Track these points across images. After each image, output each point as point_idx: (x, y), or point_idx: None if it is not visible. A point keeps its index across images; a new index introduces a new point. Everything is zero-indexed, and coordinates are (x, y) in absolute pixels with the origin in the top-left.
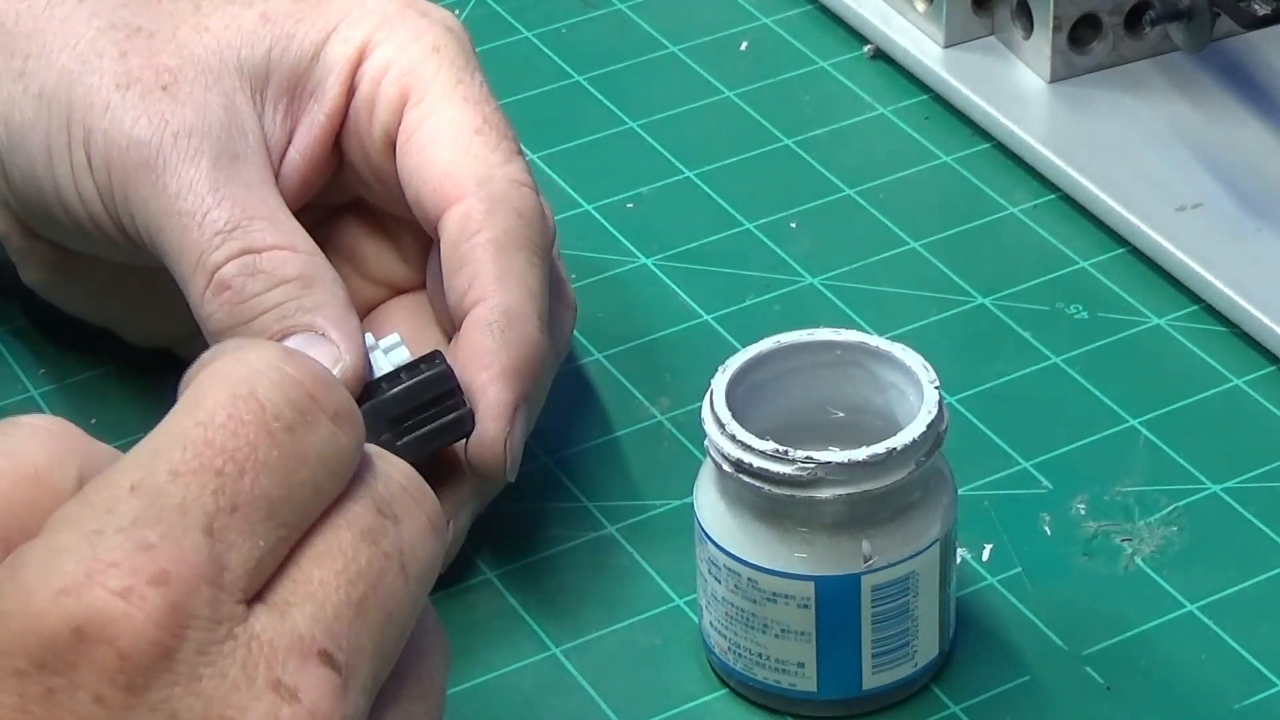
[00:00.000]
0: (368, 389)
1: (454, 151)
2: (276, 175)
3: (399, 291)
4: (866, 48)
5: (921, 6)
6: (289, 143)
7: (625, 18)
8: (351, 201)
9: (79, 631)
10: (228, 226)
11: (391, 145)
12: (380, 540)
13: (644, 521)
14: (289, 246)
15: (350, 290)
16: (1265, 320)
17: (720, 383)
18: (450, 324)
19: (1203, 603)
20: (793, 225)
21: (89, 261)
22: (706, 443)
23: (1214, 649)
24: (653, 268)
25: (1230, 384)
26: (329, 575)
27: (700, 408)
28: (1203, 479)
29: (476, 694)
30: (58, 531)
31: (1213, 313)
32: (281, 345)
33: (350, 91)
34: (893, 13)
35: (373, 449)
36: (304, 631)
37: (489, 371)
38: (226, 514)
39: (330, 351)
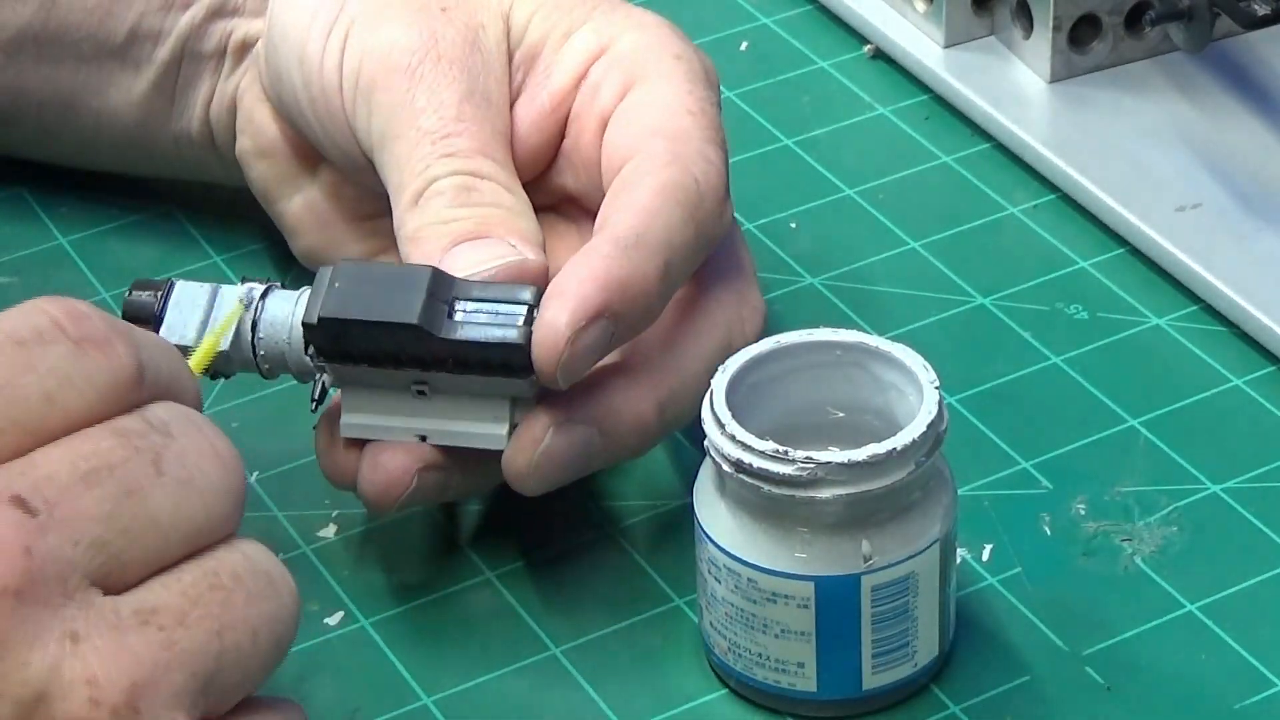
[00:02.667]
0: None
1: (663, 115)
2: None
3: None
4: (866, 48)
5: (921, 6)
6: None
7: None
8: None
9: None
10: (462, 152)
11: (604, 126)
12: (133, 438)
13: (644, 521)
14: (509, 186)
15: None
16: (1265, 320)
17: (720, 383)
18: None
19: (1203, 603)
20: (793, 225)
21: (297, 145)
22: (706, 443)
23: (1214, 649)
24: None
25: (1230, 384)
26: (60, 452)
27: (700, 408)
28: (1203, 479)
29: (476, 694)
30: None
31: (1213, 313)
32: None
33: (579, 80)
34: (893, 13)
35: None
36: (1, 482)
37: (580, 271)
38: None
39: (509, 250)
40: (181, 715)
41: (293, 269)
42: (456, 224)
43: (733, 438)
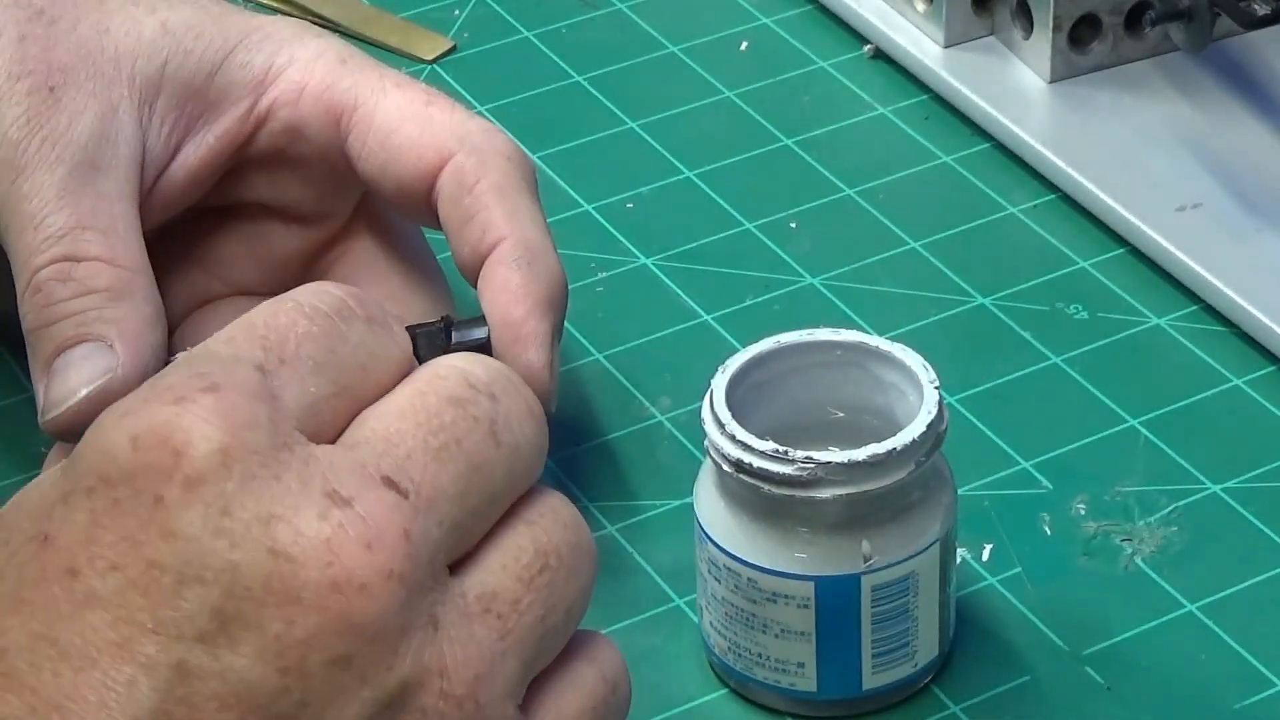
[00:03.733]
0: None
1: (417, 127)
2: (153, 186)
3: (242, 293)
4: (866, 48)
5: (921, 6)
6: (173, 158)
7: (625, 18)
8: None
9: (135, 440)
10: (58, 233)
11: (342, 159)
12: (469, 406)
13: (644, 521)
14: (109, 259)
15: (201, 292)
16: (1265, 320)
17: (720, 383)
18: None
19: (1203, 603)
20: (793, 225)
21: None
22: (706, 443)
23: (1214, 649)
24: (653, 268)
25: (1230, 384)
26: (408, 426)
27: (700, 408)
28: (1203, 479)
29: None
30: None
31: (1213, 313)
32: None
33: (256, 119)
34: (893, 13)
35: (462, 355)
36: (368, 461)
37: (524, 305)
38: (276, 363)
39: (108, 361)
40: (512, 706)
41: None
42: (55, 328)
43: (733, 438)
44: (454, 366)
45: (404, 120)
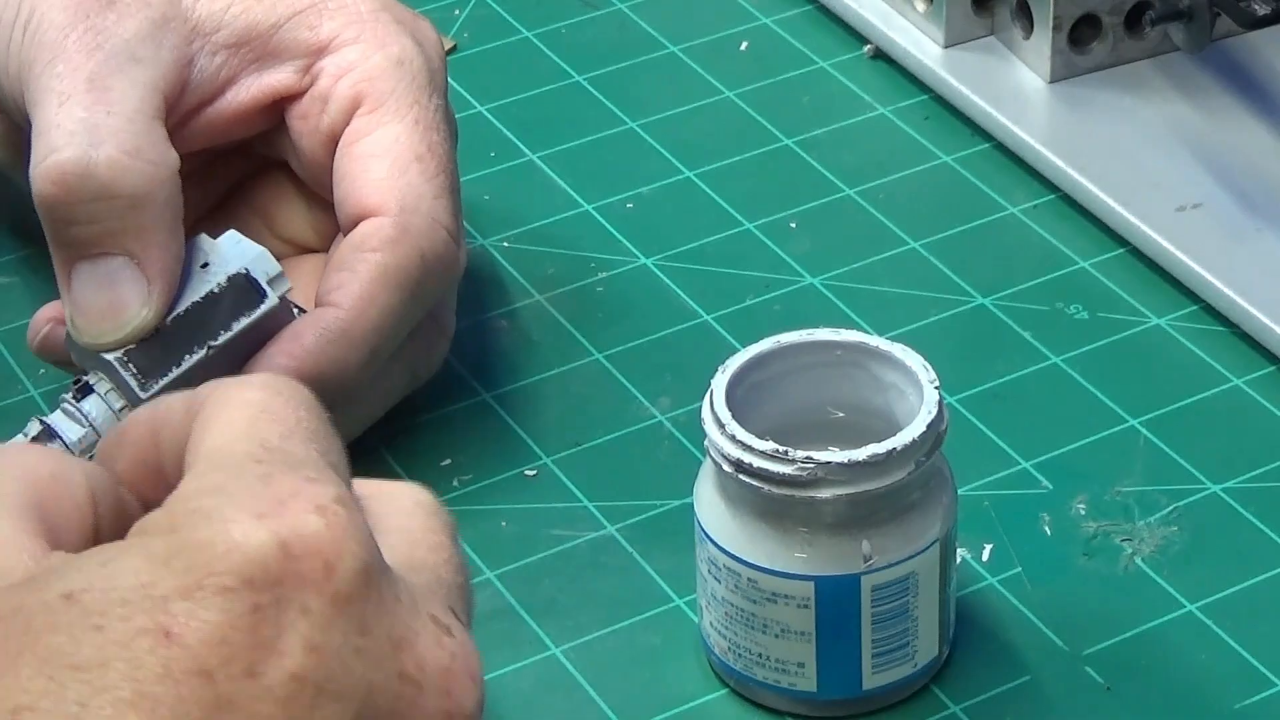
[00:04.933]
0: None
1: (391, 170)
2: (197, 113)
3: (303, 251)
4: (866, 48)
5: (921, 6)
6: (222, 92)
7: (625, 18)
8: (284, 160)
9: (285, 547)
10: (87, 114)
11: (334, 141)
12: (451, 553)
13: (644, 521)
14: (133, 152)
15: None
16: (1265, 320)
17: (720, 383)
18: None
19: (1203, 603)
20: (793, 225)
21: None
22: (706, 443)
23: (1214, 649)
24: (653, 268)
25: (1230, 384)
26: (426, 555)
27: (700, 408)
28: (1203, 479)
29: None
30: (213, 482)
31: (1213, 313)
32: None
33: (306, 77)
34: (893, 13)
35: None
36: (434, 587)
37: (280, 360)
38: (328, 466)
39: (136, 291)
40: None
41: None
42: (75, 229)
43: (733, 438)
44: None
45: (387, 155)
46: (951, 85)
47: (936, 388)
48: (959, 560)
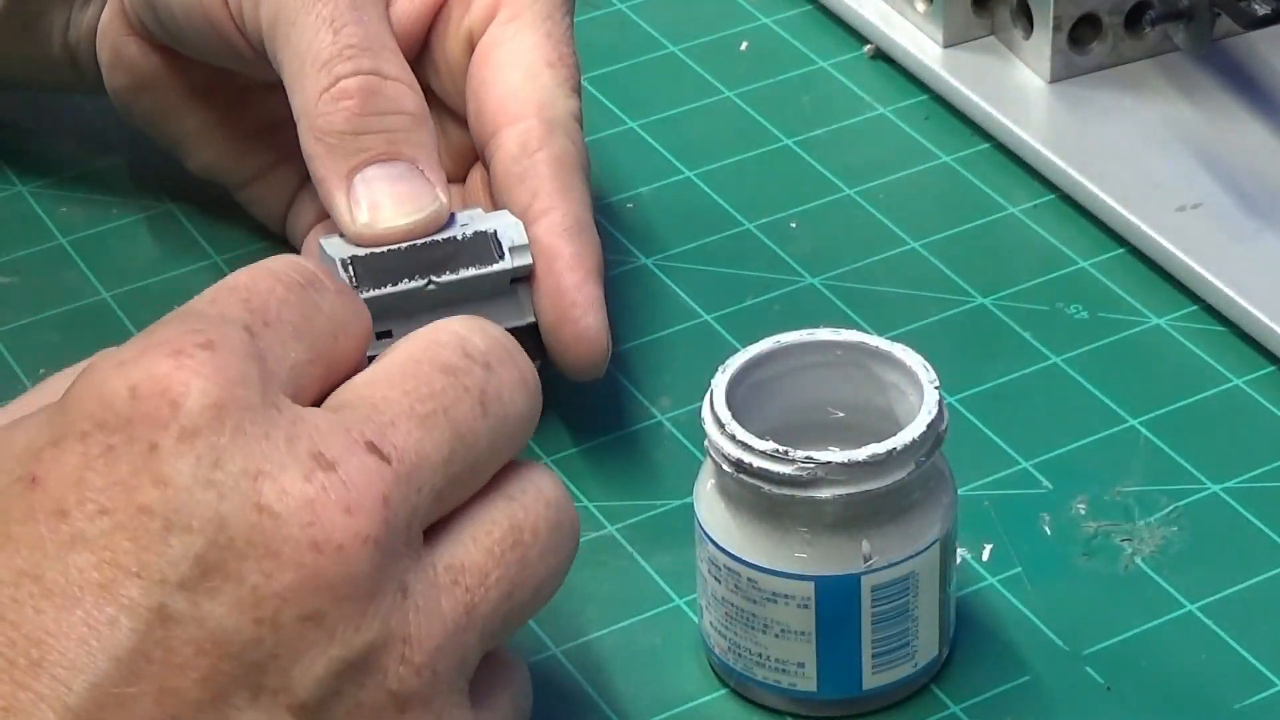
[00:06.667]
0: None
1: (524, 76)
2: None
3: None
4: (866, 48)
5: (921, 6)
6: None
7: (625, 18)
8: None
9: (134, 389)
10: (361, 44)
11: (470, 47)
12: (461, 375)
13: (644, 521)
14: (410, 84)
15: None
16: (1265, 320)
17: (720, 383)
18: None
19: (1203, 603)
20: (793, 225)
21: (179, 70)
22: (706, 443)
23: (1214, 649)
24: (653, 268)
25: (1230, 384)
26: (396, 393)
27: (700, 408)
28: (1203, 479)
29: None
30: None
31: (1213, 313)
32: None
33: None
34: (893, 13)
35: (465, 319)
36: (353, 425)
37: (578, 272)
38: (260, 326)
39: (427, 188)
40: (464, 681)
41: None
42: (366, 138)
43: (733, 438)
44: (454, 333)
45: (521, 64)
46: (951, 85)
47: (937, 388)
48: (959, 560)
